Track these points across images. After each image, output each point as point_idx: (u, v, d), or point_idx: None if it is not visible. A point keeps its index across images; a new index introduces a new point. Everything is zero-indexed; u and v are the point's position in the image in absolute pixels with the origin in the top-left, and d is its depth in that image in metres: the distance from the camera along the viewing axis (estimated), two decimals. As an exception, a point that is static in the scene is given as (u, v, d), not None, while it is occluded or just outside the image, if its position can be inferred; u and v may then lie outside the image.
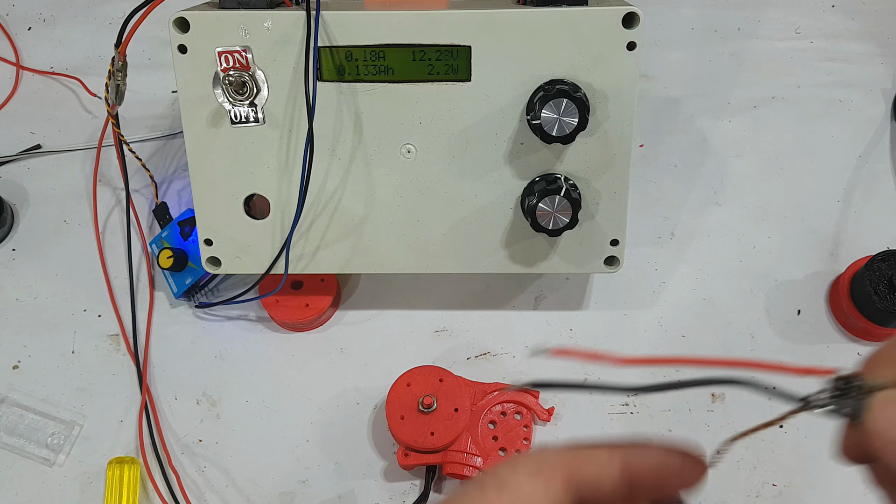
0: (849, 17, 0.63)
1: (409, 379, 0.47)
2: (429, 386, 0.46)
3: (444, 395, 0.46)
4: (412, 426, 0.45)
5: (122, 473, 0.47)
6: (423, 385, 0.46)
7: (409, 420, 0.45)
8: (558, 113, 0.40)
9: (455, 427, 0.45)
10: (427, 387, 0.46)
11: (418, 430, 0.45)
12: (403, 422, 0.45)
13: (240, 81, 0.43)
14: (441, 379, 0.46)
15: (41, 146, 0.60)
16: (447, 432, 0.45)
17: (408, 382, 0.46)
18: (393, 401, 0.46)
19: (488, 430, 0.47)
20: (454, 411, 0.45)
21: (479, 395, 0.47)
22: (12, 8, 0.66)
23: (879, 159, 0.57)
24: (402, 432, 0.45)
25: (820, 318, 0.52)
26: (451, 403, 0.45)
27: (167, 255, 0.50)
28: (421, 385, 0.46)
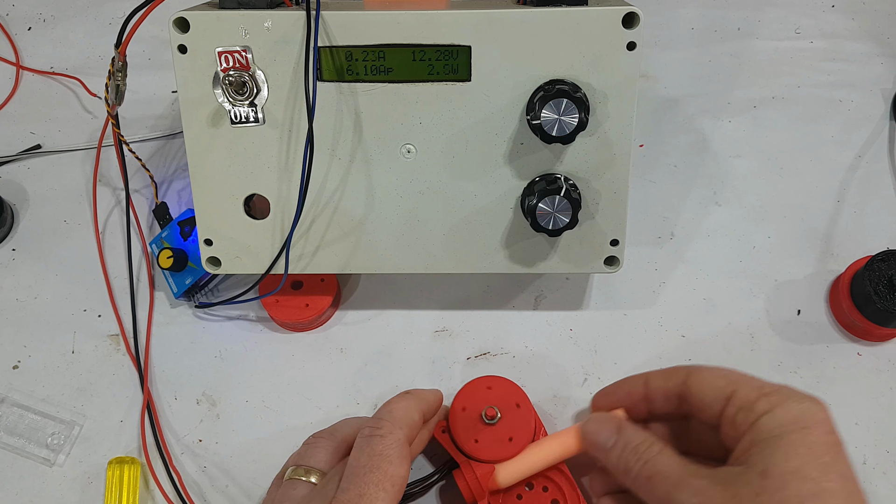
0: (849, 17, 0.63)
1: (492, 384, 0.46)
2: (505, 402, 0.45)
3: (512, 419, 0.44)
4: (466, 423, 0.45)
5: (122, 473, 0.47)
6: (501, 397, 0.45)
7: (468, 417, 0.45)
8: (558, 113, 0.40)
9: (500, 452, 0.44)
10: (502, 402, 0.45)
11: (468, 430, 0.44)
12: (464, 413, 0.45)
13: (240, 81, 0.43)
14: (518, 404, 0.45)
15: (41, 146, 0.60)
16: (490, 451, 0.44)
17: (489, 386, 0.46)
18: (467, 392, 0.46)
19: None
20: (508, 440, 0.44)
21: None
22: (12, 8, 0.66)
23: (879, 159, 0.57)
24: (456, 421, 0.45)
25: (820, 318, 0.52)
26: (512, 431, 0.44)
27: (167, 255, 0.50)
28: (499, 396, 0.45)
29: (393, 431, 0.39)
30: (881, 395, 0.49)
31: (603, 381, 0.50)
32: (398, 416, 0.41)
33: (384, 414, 0.41)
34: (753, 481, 0.33)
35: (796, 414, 0.35)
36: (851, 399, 0.49)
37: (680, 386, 0.40)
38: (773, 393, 0.36)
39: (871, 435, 0.48)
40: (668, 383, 0.41)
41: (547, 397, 0.50)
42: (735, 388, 0.37)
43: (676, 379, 0.40)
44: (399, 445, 0.39)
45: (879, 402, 0.49)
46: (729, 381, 0.38)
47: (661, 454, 0.37)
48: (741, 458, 0.35)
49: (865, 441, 0.48)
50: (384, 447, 0.38)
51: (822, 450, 0.34)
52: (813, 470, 0.33)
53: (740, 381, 0.38)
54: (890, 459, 0.47)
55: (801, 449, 0.33)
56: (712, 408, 0.38)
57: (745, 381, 0.38)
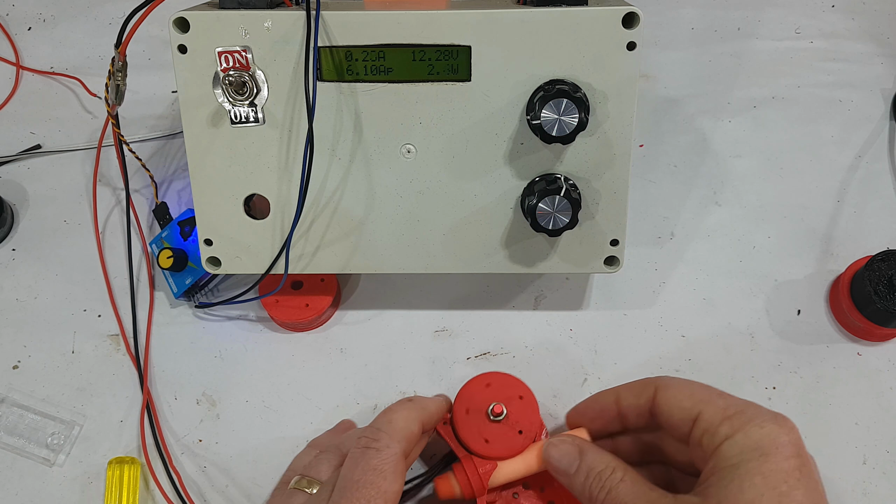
0: (849, 17, 0.63)
1: (490, 380, 0.45)
2: (506, 396, 0.44)
3: (517, 412, 0.44)
4: (472, 424, 0.43)
5: (122, 473, 0.47)
6: (501, 392, 0.44)
7: (473, 417, 0.44)
8: (558, 113, 0.40)
9: (511, 447, 0.43)
10: (504, 396, 0.44)
11: (476, 431, 0.43)
12: (467, 416, 0.44)
13: (240, 81, 0.43)
14: (521, 396, 0.44)
15: (41, 146, 0.60)
16: (502, 448, 0.43)
17: (488, 383, 0.45)
18: (466, 393, 0.45)
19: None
20: (518, 433, 0.43)
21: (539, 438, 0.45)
22: (12, 8, 0.66)
23: (879, 159, 0.58)
24: (462, 425, 0.44)
25: (820, 318, 0.52)
26: (519, 424, 0.43)
27: (167, 255, 0.50)
28: (499, 391, 0.44)
29: (390, 445, 0.38)
30: (881, 395, 0.49)
31: (603, 380, 0.50)
32: (397, 427, 0.39)
33: (383, 424, 0.40)
34: None
35: (756, 440, 0.34)
36: (851, 399, 0.49)
37: (649, 402, 0.39)
38: (736, 416, 0.35)
39: (871, 435, 0.48)
40: (639, 400, 0.40)
41: (547, 397, 0.50)
42: (701, 409, 0.36)
43: (646, 395, 0.39)
44: (395, 460, 0.38)
45: (879, 402, 0.49)
46: (695, 400, 0.37)
47: (622, 482, 0.37)
48: (701, 486, 0.34)
49: (865, 441, 0.48)
50: (379, 462, 0.38)
51: (780, 478, 0.32)
52: (768, 501, 0.32)
53: (706, 401, 0.37)
54: (890, 459, 0.47)
55: (756, 479, 0.32)
56: (680, 428, 0.37)
57: (711, 401, 0.36)
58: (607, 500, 0.36)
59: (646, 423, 0.40)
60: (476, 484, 0.42)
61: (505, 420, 0.43)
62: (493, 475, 0.42)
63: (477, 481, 0.42)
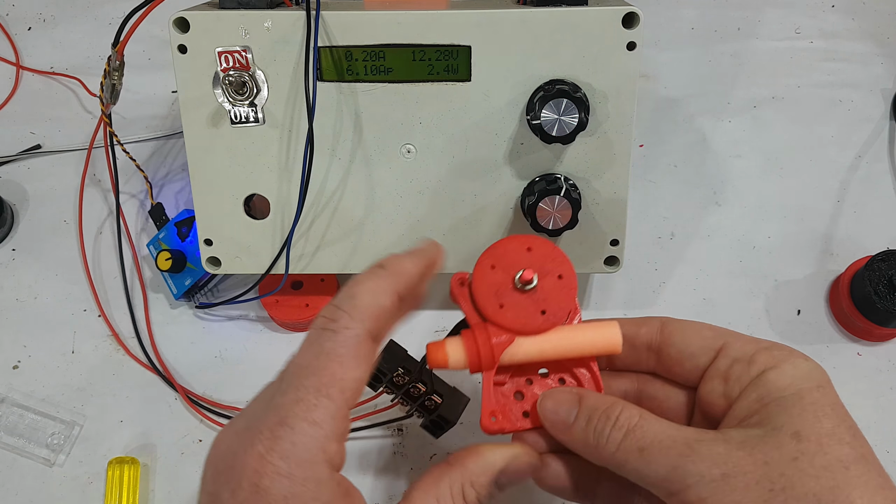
0: (849, 17, 0.63)
1: (533, 244, 0.36)
2: (544, 269, 0.36)
3: (549, 290, 0.36)
4: (493, 284, 0.36)
5: (122, 473, 0.47)
6: (540, 262, 0.36)
7: (496, 276, 0.36)
8: (558, 113, 0.40)
9: (528, 324, 0.35)
10: (541, 268, 0.36)
11: (493, 291, 0.36)
12: (492, 272, 0.36)
13: (240, 81, 0.43)
14: (529, 248, 0.36)
15: (41, 146, 0.60)
16: (516, 320, 0.35)
17: (529, 246, 0.36)
18: (500, 249, 0.36)
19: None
20: (541, 313, 0.35)
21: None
22: (12, 8, 0.66)
23: (879, 159, 0.58)
24: (480, 281, 0.36)
25: (820, 318, 0.52)
26: (546, 304, 0.36)
27: (165, 256, 0.50)
28: (508, 262, 0.36)
29: (350, 326, 0.31)
30: (881, 395, 0.49)
31: (603, 381, 0.50)
32: (361, 304, 0.31)
33: (343, 301, 0.32)
34: (786, 444, 0.29)
35: (807, 371, 0.31)
36: (851, 399, 0.49)
37: (655, 334, 0.35)
38: (774, 348, 0.32)
39: (871, 435, 0.48)
40: (641, 330, 0.36)
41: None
42: (726, 340, 0.33)
43: (651, 327, 0.36)
44: (355, 343, 0.31)
45: (879, 402, 0.49)
46: (717, 332, 0.34)
47: (643, 418, 0.31)
48: (751, 418, 0.31)
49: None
50: (335, 345, 0.31)
51: (844, 412, 0.30)
52: (846, 433, 0.30)
53: (730, 334, 0.34)
54: (890, 459, 0.47)
55: (827, 409, 0.30)
56: (696, 360, 0.34)
57: (736, 334, 0.34)
58: (629, 440, 0.31)
59: (636, 362, 0.37)
60: (486, 356, 0.35)
61: (531, 293, 0.36)
62: (508, 350, 0.35)
63: (487, 353, 0.35)
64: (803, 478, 0.28)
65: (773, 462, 0.29)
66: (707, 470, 0.29)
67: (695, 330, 0.35)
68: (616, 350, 0.35)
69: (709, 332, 0.34)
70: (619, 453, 0.31)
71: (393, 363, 0.43)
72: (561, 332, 0.36)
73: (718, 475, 0.29)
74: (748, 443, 0.29)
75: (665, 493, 0.30)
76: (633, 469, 0.31)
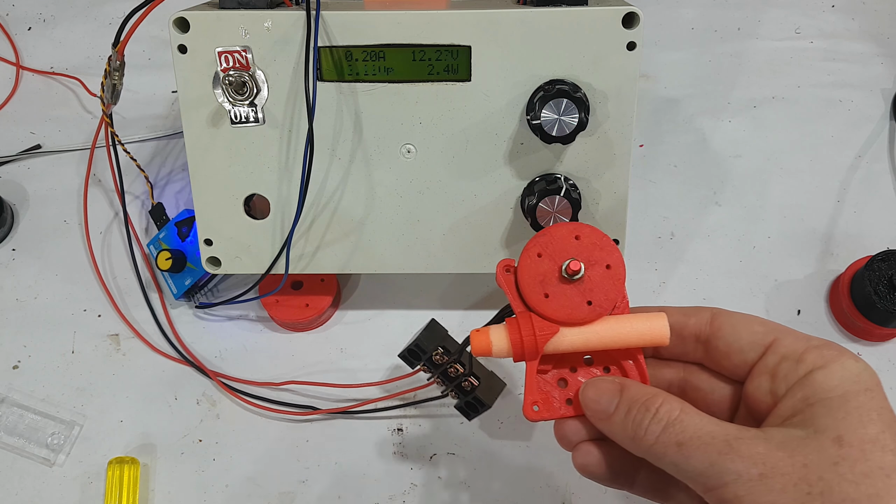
0: (849, 17, 0.63)
1: (581, 232, 0.36)
2: (592, 259, 0.36)
3: (597, 281, 0.35)
4: (537, 271, 0.35)
5: (122, 473, 0.47)
6: (589, 251, 0.36)
7: (542, 264, 0.36)
8: (558, 113, 0.40)
9: (574, 314, 0.35)
10: (589, 257, 0.36)
11: (538, 280, 0.35)
12: (537, 260, 0.36)
13: (240, 81, 0.43)
14: (577, 236, 0.36)
15: (41, 146, 0.60)
16: (561, 311, 0.35)
17: (578, 235, 0.36)
18: (548, 236, 0.36)
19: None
20: (587, 304, 0.35)
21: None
22: (12, 8, 0.66)
23: (879, 159, 0.58)
24: (526, 269, 0.36)
25: (820, 318, 0.52)
26: (592, 294, 0.35)
27: (165, 256, 0.50)
28: (555, 250, 0.36)
29: None
30: (881, 395, 0.49)
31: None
32: None
33: None
34: (827, 448, 0.28)
35: (856, 373, 0.30)
36: (851, 399, 0.49)
37: (705, 326, 0.35)
38: (824, 347, 0.32)
39: (871, 435, 0.48)
40: (690, 320, 0.35)
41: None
42: (777, 336, 0.33)
43: (700, 317, 0.35)
44: None
45: (879, 402, 0.49)
46: (768, 327, 0.33)
47: (684, 412, 0.31)
48: (795, 417, 0.30)
49: (865, 441, 0.48)
50: None
51: (892, 418, 0.29)
52: (890, 440, 0.29)
53: (781, 330, 0.33)
54: (890, 459, 0.47)
55: (873, 414, 0.29)
56: (744, 354, 0.33)
57: (787, 331, 0.33)
58: (668, 434, 0.31)
59: (682, 353, 0.36)
60: (529, 346, 0.35)
61: (578, 283, 0.36)
62: (552, 341, 0.35)
63: (531, 343, 0.35)
64: (842, 483, 0.28)
65: (813, 465, 0.28)
66: (745, 469, 0.29)
67: (745, 324, 0.34)
68: (663, 342, 0.35)
69: (759, 327, 0.34)
70: (658, 446, 0.31)
71: (433, 342, 0.44)
72: (607, 323, 0.35)
73: (756, 475, 0.28)
74: (789, 444, 0.29)
75: (702, 489, 0.30)
76: (671, 462, 0.31)
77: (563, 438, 0.36)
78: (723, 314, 0.35)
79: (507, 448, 0.49)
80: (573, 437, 0.36)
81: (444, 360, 0.44)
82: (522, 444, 0.49)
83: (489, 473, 0.48)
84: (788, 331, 0.33)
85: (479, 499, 0.47)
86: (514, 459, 0.48)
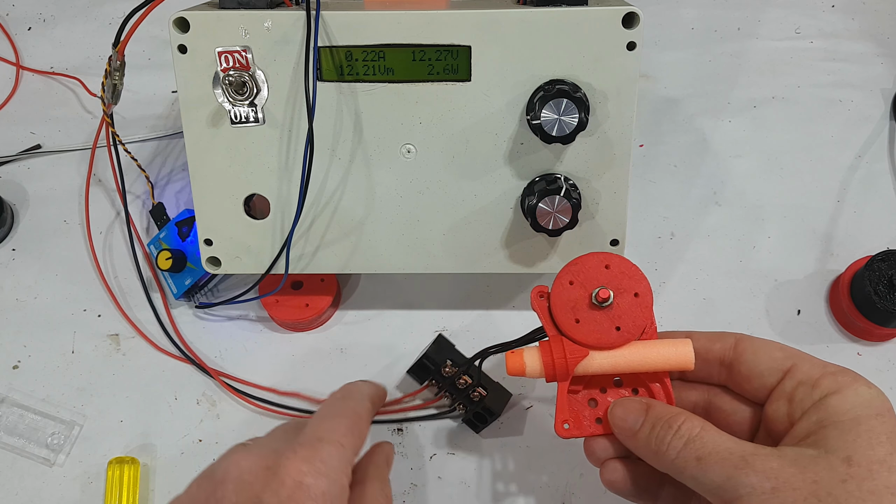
0: (849, 17, 0.63)
1: (611, 262, 0.39)
2: (621, 287, 0.38)
3: (625, 308, 0.38)
4: (569, 298, 0.38)
5: (122, 473, 0.47)
6: (588, 278, 0.39)
7: (574, 292, 0.38)
8: (558, 113, 0.40)
9: (603, 339, 0.38)
10: (618, 285, 0.38)
11: (570, 307, 0.38)
12: (569, 288, 0.38)
13: (240, 81, 0.43)
14: (607, 265, 0.39)
15: (41, 146, 0.60)
16: (591, 336, 0.38)
17: (607, 264, 0.39)
18: (580, 265, 0.39)
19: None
20: (615, 329, 0.38)
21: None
22: (12, 8, 0.66)
23: (879, 159, 0.58)
24: (558, 296, 0.38)
25: (820, 318, 0.52)
26: (621, 320, 0.38)
27: (166, 256, 0.50)
28: (586, 278, 0.39)
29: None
30: (881, 395, 0.49)
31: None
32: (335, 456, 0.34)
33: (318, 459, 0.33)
34: (837, 466, 0.30)
35: (868, 399, 0.32)
36: (851, 399, 0.49)
37: (728, 350, 0.37)
38: (839, 373, 0.34)
39: (871, 435, 0.48)
40: (715, 345, 0.37)
41: (548, 397, 0.50)
42: (795, 362, 0.35)
43: (725, 343, 0.37)
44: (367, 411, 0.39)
45: (879, 402, 0.49)
46: (787, 353, 0.36)
47: (704, 430, 0.33)
48: (808, 438, 0.32)
49: (865, 441, 0.48)
50: (355, 404, 0.38)
51: None
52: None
53: (799, 356, 0.35)
54: (890, 459, 0.47)
55: (882, 437, 0.31)
56: (764, 379, 0.36)
57: (805, 357, 0.35)
58: (689, 449, 0.33)
59: (708, 375, 0.38)
60: (560, 368, 0.38)
61: (607, 309, 0.38)
62: (582, 363, 0.38)
63: (562, 366, 0.38)
64: (849, 499, 0.29)
65: (823, 482, 0.30)
66: (759, 483, 0.31)
67: (766, 350, 0.36)
68: (688, 367, 0.37)
69: (779, 353, 0.36)
70: (679, 460, 0.33)
71: (442, 355, 0.46)
72: (634, 348, 0.38)
73: (769, 488, 0.30)
74: (801, 461, 0.31)
75: (719, 501, 0.32)
76: (691, 476, 0.33)
77: (592, 455, 0.38)
78: (745, 339, 0.37)
79: (507, 448, 0.49)
80: (601, 455, 0.38)
81: (453, 371, 0.46)
82: (522, 444, 0.49)
83: (489, 473, 0.48)
84: (806, 357, 0.35)
85: (479, 499, 0.47)
86: (514, 459, 0.48)
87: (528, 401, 0.50)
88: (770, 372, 0.36)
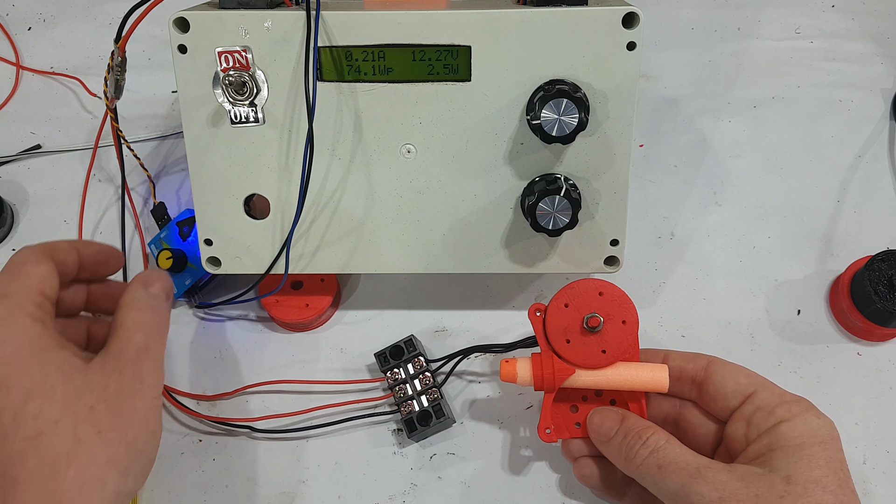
0: (849, 17, 0.63)
1: (604, 289, 0.43)
2: (611, 313, 0.42)
3: (613, 334, 0.42)
4: (562, 320, 0.43)
5: (122, 473, 0.47)
6: (582, 303, 0.43)
7: (567, 315, 0.43)
8: (558, 113, 0.40)
9: (589, 361, 0.42)
10: (608, 312, 0.42)
11: (562, 328, 0.42)
12: (565, 311, 0.43)
13: (240, 81, 0.43)
14: (601, 292, 0.43)
15: (41, 146, 0.60)
16: (579, 356, 0.42)
17: (601, 291, 0.43)
18: (575, 289, 0.43)
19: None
20: (601, 352, 0.42)
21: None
22: (12, 8, 0.66)
23: (879, 159, 0.57)
24: (553, 317, 0.43)
25: (820, 318, 0.52)
26: (607, 345, 0.42)
27: (166, 255, 0.51)
28: (581, 303, 0.43)
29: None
30: (881, 395, 0.49)
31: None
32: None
33: None
34: (777, 484, 0.35)
35: (815, 428, 0.37)
36: (851, 399, 0.49)
37: (700, 371, 0.41)
38: (793, 403, 0.38)
39: (871, 435, 0.48)
40: (689, 365, 0.42)
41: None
42: (756, 389, 0.39)
43: (697, 364, 0.42)
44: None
45: (879, 402, 0.49)
46: (751, 380, 0.40)
47: (668, 443, 0.38)
48: (758, 459, 0.37)
49: (865, 441, 0.48)
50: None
51: (838, 466, 0.36)
52: (832, 483, 0.35)
53: (761, 384, 0.40)
54: (890, 459, 0.47)
55: (821, 461, 0.36)
56: (728, 400, 0.40)
57: (766, 385, 0.40)
58: (652, 458, 0.38)
59: (680, 391, 0.43)
60: (548, 382, 0.42)
61: (596, 334, 0.42)
62: (568, 380, 0.42)
63: (550, 380, 0.42)
64: None
65: (763, 496, 0.35)
66: (708, 492, 0.35)
67: (733, 375, 0.41)
68: (662, 390, 0.42)
69: (744, 379, 0.40)
70: (643, 467, 0.38)
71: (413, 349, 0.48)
72: (617, 370, 0.42)
73: (716, 498, 0.35)
74: (747, 477, 0.36)
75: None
76: (652, 481, 0.38)
77: (568, 452, 0.44)
78: (716, 363, 0.42)
79: (507, 448, 0.49)
80: (576, 452, 0.44)
81: (423, 366, 0.48)
82: (522, 444, 0.49)
83: (489, 473, 0.48)
84: (768, 385, 0.40)
85: (479, 499, 0.47)
86: (513, 459, 0.48)
87: (528, 401, 0.50)
88: (734, 395, 0.40)
